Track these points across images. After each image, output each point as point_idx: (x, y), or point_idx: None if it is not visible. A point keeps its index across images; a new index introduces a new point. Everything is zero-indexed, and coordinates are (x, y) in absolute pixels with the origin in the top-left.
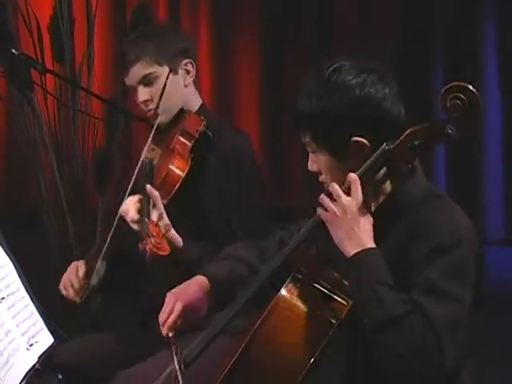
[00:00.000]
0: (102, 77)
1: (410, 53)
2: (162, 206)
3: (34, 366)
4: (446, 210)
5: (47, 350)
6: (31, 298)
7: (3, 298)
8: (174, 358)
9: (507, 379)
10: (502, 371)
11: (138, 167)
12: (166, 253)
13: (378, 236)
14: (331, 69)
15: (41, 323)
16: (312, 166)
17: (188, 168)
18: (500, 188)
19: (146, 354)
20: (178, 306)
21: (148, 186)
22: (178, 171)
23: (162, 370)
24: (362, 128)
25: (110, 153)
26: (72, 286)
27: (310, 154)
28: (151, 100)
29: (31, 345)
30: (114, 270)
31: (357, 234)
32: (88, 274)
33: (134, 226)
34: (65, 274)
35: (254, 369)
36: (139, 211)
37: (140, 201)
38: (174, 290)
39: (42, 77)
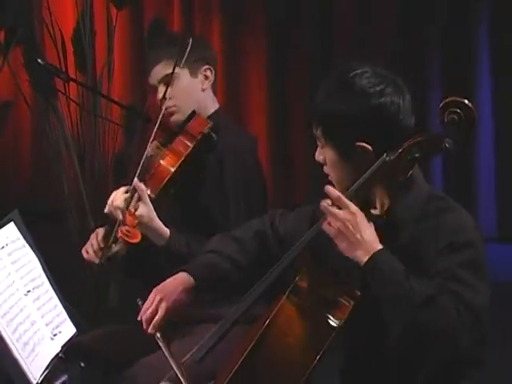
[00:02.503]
0: (122, 85)
1: (408, 52)
2: (147, 200)
3: (58, 354)
4: (453, 210)
5: (70, 339)
6: (55, 291)
7: (29, 291)
8: (167, 356)
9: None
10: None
11: (141, 162)
12: (136, 240)
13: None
14: (354, 73)
15: (64, 315)
16: (318, 156)
17: (179, 165)
18: (492, 186)
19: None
20: (163, 307)
21: (135, 180)
22: (167, 166)
23: (179, 358)
24: (370, 135)
25: (129, 156)
26: (92, 247)
27: (319, 147)
28: (169, 99)
29: (55, 335)
30: (135, 255)
31: (364, 241)
32: (108, 238)
33: (117, 214)
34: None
35: (260, 371)
36: (125, 200)
37: (127, 191)
38: (159, 288)
39: (66, 85)
